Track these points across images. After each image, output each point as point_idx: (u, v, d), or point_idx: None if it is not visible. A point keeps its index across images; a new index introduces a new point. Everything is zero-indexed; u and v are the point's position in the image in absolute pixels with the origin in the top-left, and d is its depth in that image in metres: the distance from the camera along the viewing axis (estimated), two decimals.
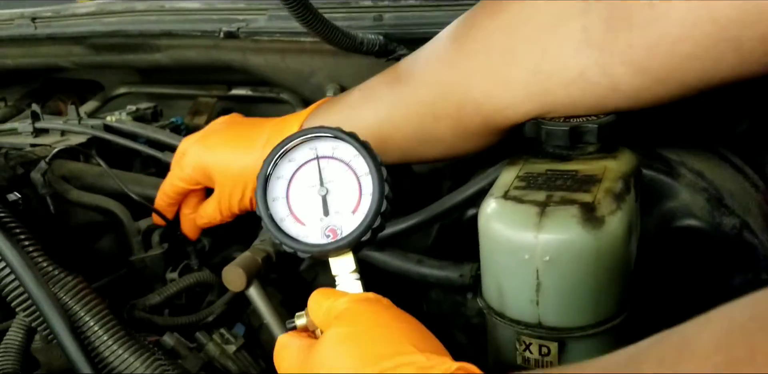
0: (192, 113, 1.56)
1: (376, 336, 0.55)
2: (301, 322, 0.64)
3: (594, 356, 0.64)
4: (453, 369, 0.50)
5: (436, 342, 0.57)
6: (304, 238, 0.64)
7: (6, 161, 0.99)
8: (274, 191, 0.66)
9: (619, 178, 0.67)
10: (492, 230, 0.64)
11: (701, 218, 0.77)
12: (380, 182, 0.62)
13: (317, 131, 0.65)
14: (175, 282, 1.00)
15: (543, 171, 0.70)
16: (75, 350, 0.74)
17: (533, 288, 0.62)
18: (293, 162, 0.66)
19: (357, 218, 0.63)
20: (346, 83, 1.18)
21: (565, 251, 0.60)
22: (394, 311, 0.60)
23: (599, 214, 0.61)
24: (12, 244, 0.75)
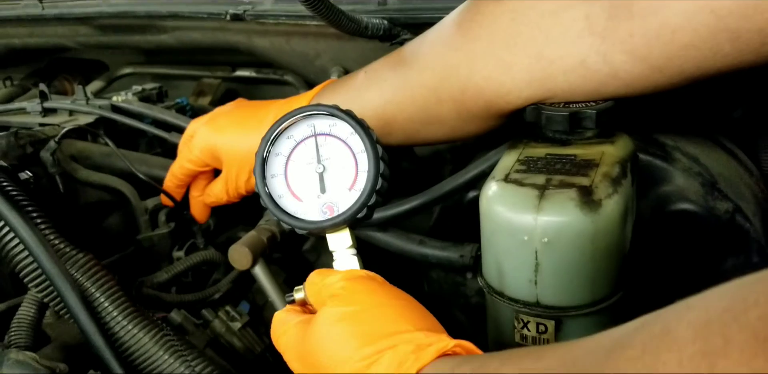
0: (196, 94, 1.58)
1: (374, 315, 0.57)
2: (300, 296, 0.66)
3: (589, 334, 0.67)
4: (450, 346, 0.52)
5: (433, 320, 0.58)
6: (301, 215, 0.65)
7: (16, 140, 1.00)
8: (273, 168, 0.66)
9: (616, 162, 0.69)
10: (493, 212, 0.66)
11: (695, 202, 0.79)
12: (376, 160, 0.63)
13: (315, 109, 0.66)
14: (182, 260, 1.02)
15: (543, 155, 0.72)
16: (88, 323, 0.77)
17: (532, 268, 0.64)
18: (291, 139, 0.67)
19: (353, 195, 0.64)
20: (350, 66, 1.20)
21: (563, 233, 0.62)
22: (389, 288, 0.61)
23: (596, 197, 0.63)
24: (26, 221, 0.77)
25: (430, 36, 0.86)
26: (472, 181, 0.86)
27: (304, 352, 0.59)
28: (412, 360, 0.51)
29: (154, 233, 1.06)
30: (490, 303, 0.72)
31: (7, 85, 1.60)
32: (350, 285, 0.61)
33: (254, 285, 1.08)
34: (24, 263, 0.79)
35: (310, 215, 0.65)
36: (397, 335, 0.53)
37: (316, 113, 0.66)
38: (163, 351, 0.80)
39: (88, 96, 1.23)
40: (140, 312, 0.82)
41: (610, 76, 0.71)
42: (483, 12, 0.78)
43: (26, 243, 0.77)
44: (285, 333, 0.63)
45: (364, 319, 0.56)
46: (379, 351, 0.53)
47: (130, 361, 0.79)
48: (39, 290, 0.80)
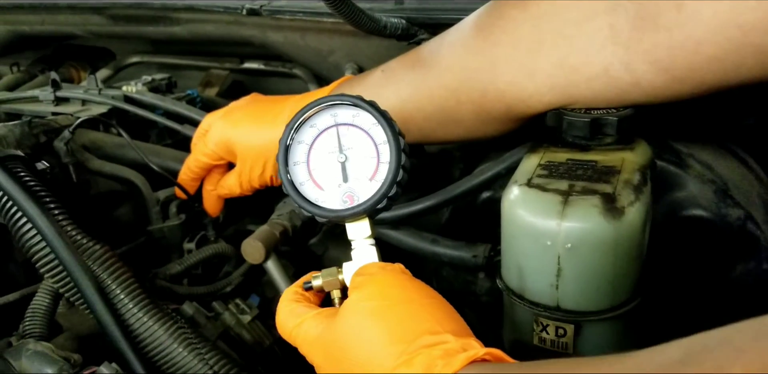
0: (203, 85, 1.58)
1: (404, 312, 0.56)
2: (318, 283, 0.67)
3: (609, 338, 0.69)
4: (481, 355, 0.52)
5: (460, 320, 0.58)
6: (322, 203, 0.66)
7: (30, 129, 1.00)
8: (295, 156, 0.67)
9: (636, 170, 0.70)
10: (516, 216, 0.67)
11: (707, 208, 0.80)
12: (398, 151, 0.63)
13: (338, 98, 0.66)
14: (195, 252, 1.03)
15: (564, 160, 0.73)
16: (105, 314, 0.77)
17: (554, 272, 0.65)
18: (314, 128, 0.67)
19: (374, 185, 0.64)
20: (363, 63, 1.20)
21: (586, 240, 0.63)
22: (419, 284, 0.61)
23: (619, 205, 0.64)
24: (43, 212, 0.77)
25: (449, 38, 0.86)
26: (487, 182, 0.87)
27: (328, 346, 0.59)
28: (441, 365, 0.51)
29: (165, 224, 1.07)
30: (509, 305, 0.73)
31: (14, 72, 1.59)
32: (380, 276, 0.61)
33: (263, 278, 1.09)
34: (41, 254, 0.79)
35: (331, 204, 0.65)
36: (426, 336, 0.54)
37: (340, 102, 0.66)
38: (178, 343, 0.81)
39: (99, 86, 1.23)
40: (155, 304, 0.83)
41: (632, 84, 0.72)
42: (505, 17, 0.79)
43: (43, 234, 0.77)
44: (300, 326, 0.63)
45: (394, 315, 0.56)
46: (409, 352, 0.53)
47: (145, 353, 0.80)
48: (55, 280, 0.80)
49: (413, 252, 0.94)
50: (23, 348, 0.75)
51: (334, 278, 0.66)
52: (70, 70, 1.65)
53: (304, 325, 0.63)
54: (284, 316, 0.65)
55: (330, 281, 0.66)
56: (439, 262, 0.95)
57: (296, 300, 0.67)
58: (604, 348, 0.69)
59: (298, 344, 0.63)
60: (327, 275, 0.67)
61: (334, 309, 0.64)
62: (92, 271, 0.80)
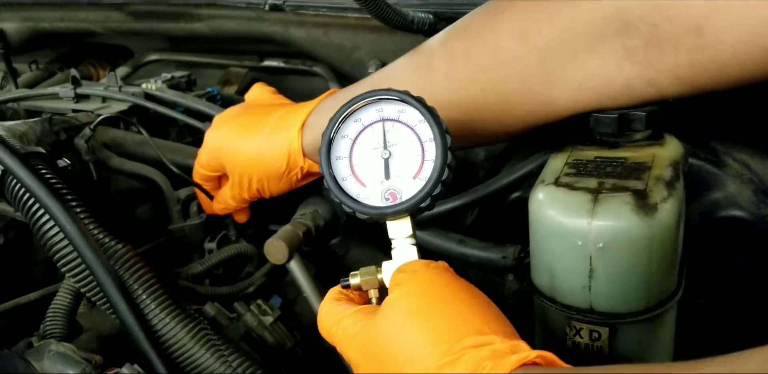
0: (222, 83, 1.56)
1: (448, 310, 0.54)
2: (355, 281, 0.65)
3: (645, 340, 0.66)
4: (533, 357, 0.49)
5: (507, 322, 0.56)
6: (364, 199, 0.64)
7: (50, 126, 0.99)
8: (338, 150, 0.66)
9: (668, 165, 0.68)
10: (545, 216, 0.65)
11: (746, 209, 0.78)
12: (444, 150, 0.62)
13: (384, 93, 0.65)
14: (217, 252, 1.01)
15: (592, 158, 0.71)
16: (128, 314, 0.76)
17: (586, 274, 0.63)
18: (359, 122, 0.66)
19: (418, 183, 0.63)
20: (388, 60, 1.17)
21: (618, 238, 0.61)
22: (463, 282, 0.59)
23: (652, 201, 0.62)
24: (66, 210, 0.76)
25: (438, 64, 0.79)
26: (517, 181, 0.85)
27: (368, 343, 0.57)
28: (490, 367, 0.49)
29: (185, 223, 1.05)
30: (540, 308, 0.71)
31: (32, 69, 1.58)
32: (423, 274, 0.59)
33: (285, 279, 1.07)
34: (63, 252, 0.78)
35: (372, 201, 0.64)
36: (473, 336, 0.51)
37: (386, 97, 0.65)
38: (200, 345, 0.79)
39: (119, 83, 1.21)
40: (177, 304, 0.81)
41: (657, 96, 0.70)
42: (504, 49, 0.73)
43: (66, 232, 0.76)
44: (339, 323, 0.61)
45: (438, 314, 0.54)
46: (454, 352, 0.51)
47: (168, 354, 0.79)
48: (77, 280, 0.79)
49: (440, 253, 0.92)
50: (45, 348, 0.73)
51: (372, 277, 0.65)
52: (89, 68, 1.64)
53: (343, 322, 0.61)
54: (324, 314, 0.64)
55: (368, 280, 0.65)
56: (466, 263, 0.93)
57: (338, 298, 0.65)
58: (641, 351, 0.67)
59: (336, 342, 0.62)
60: (365, 274, 0.65)
61: (375, 307, 0.62)
62: (114, 270, 0.78)
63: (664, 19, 0.63)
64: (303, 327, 1.03)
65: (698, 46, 0.63)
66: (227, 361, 0.80)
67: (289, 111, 0.92)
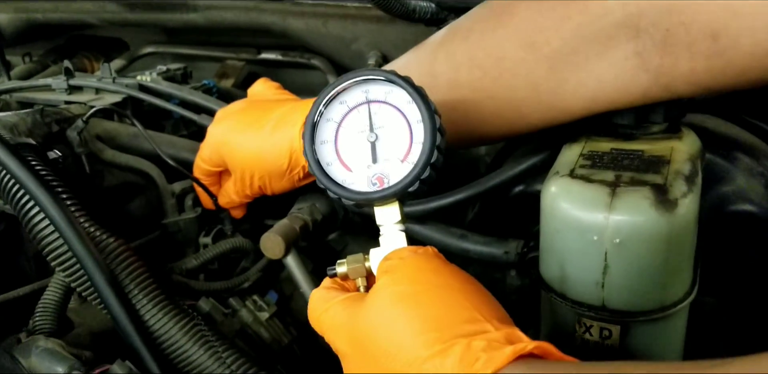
0: (219, 76, 1.54)
1: (438, 298, 0.52)
2: (342, 270, 0.63)
3: (657, 340, 0.64)
4: (530, 348, 0.47)
5: (501, 308, 0.54)
6: (350, 185, 0.62)
7: (42, 117, 0.97)
8: (323, 134, 0.63)
9: (687, 159, 0.66)
10: (559, 209, 0.63)
11: (757, 203, 0.76)
12: (433, 131, 0.59)
13: (370, 73, 0.62)
14: (212, 246, 0.99)
15: (608, 150, 0.69)
16: (119, 309, 0.74)
17: (600, 270, 0.61)
18: (344, 105, 0.63)
19: (406, 167, 0.60)
20: (388, 51, 1.16)
21: (636, 234, 0.59)
22: (454, 268, 0.57)
23: (672, 197, 0.59)
24: (55, 201, 0.74)
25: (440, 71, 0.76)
26: (520, 175, 0.83)
27: (355, 332, 0.55)
28: (484, 359, 0.46)
29: (180, 217, 1.03)
30: (548, 305, 0.68)
31: (26, 62, 1.56)
32: (411, 260, 0.57)
33: (281, 274, 1.05)
34: (53, 246, 0.75)
35: (359, 186, 0.62)
36: (465, 324, 0.49)
37: (372, 78, 0.62)
38: (194, 341, 0.77)
39: (113, 75, 1.19)
40: (171, 300, 0.79)
41: (674, 98, 0.68)
42: (511, 58, 0.71)
43: (56, 224, 0.73)
44: (327, 311, 0.59)
45: (428, 301, 0.52)
46: (444, 341, 0.48)
47: (160, 351, 0.76)
48: (67, 274, 0.76)
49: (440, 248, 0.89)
50: (33, 345, 0.71)
51: (360, 265, 0.62)
52: (83, 60, 1.62)
53: (331, 311, 0.58)
54: (313, 302, 0.61)
55: (355, 268, 0.62)
56: (466, 258, 0.91)
57: (330, 287, 0.63)
58: (651, 351, 0.65)
59: (324, 331, 0.59)
60: (353, 262, 0.62)
61: (363, 295, 0.59)
62: (106, 264, 0.76)
63: (678, 24, 0.60)
64: (300, 324, 1.01)
65: (715, 52, 0.60)
66: (221, 358, 0.78)
67: (292, 108, 0.90)
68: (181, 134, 1.20)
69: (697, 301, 0.68)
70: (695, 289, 0.66)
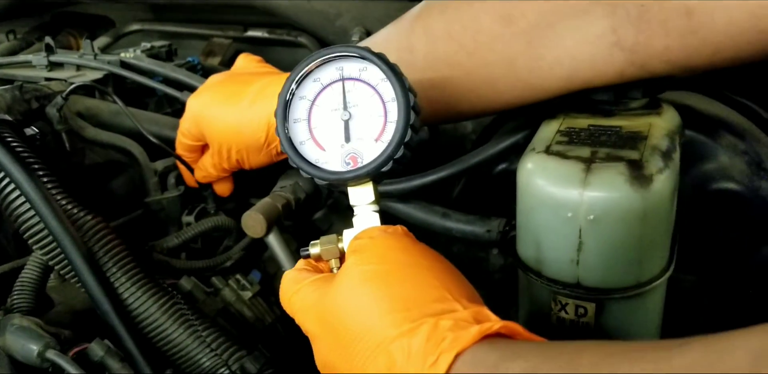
0: (205, 54, 1.52)
1: (406, 276, 0.51)
2: (315, 251, 0.62)
3: (632, 317, 0.64)
4: (496, 328, 0.47)
5: (470, 288, 0.53)
6: (323, 164, 0.61)
7: (21, 93, 0.96)
8: (296, 112, 0.62)
9: (665, 135, 0.65)
10: (534, 186, 0.62)
11: (740, 181, 0.76)
12: (407, 109, 0.58)
13: (344, 50, 0.60)
14: (194, 225, 0.98)
15: (585, 126, 0.68)
16: (96, 287, 0.73)
17: (574, 247, 0.60)
18: (318, 82, 0.62)
19: (379, 146, 0.59)
20: (373, 28, 1.13)
21: (611, 210, 0.58)
22: (423, 247, 0.56)
23: (647, 172, 0.59)
24: (31, 178, 0.73)
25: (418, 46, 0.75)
26: (503, 152, 0.82)
27: (324, 313, 0.54)
28: (450, 339, 0.46)
29: (163, 196, 1.02)
30: (525, 283, 0.68)
31: (10, 39, 1.54)
32: (380, 239, 0.56)
33: (265, 253, 1.05)
34: (29, 223, 0.75)
35: (332, 166, 0.61)
36: (433, 303, 0.49)
37: (346, 54, 0.60)
38: (173, 320, 0.77)
39: (95, 51, 1.17)
40: (150, 278, 0.79)
41: (649, 76, 0.67)
42: (487, 32, 0.70)
43: (31, 200, 0.73)
44: (298, 293, 0.58)
45: (396, 280, 0.51)
46: (412, 320, 0.48)
47: (139, 329, 0.76)
48: (44, 252, 0.76)
49: (423, 227, 0.89)
50: (8, 323, 0.71)
51: (333, 246, 0.61)
52: (68, 38, 1.60)
53: (301, 292, 0.58)
54: (285, 284, 0.61)
55: (329, 249, 0.61)
56: (450, 238, 0.90)
57: (303, 267, 0.62)
58: (627, 328, 0.65)
59: (294, 312, 0.58)
60: (326, 243, 0.61)
61: (334, 275, 0.58)
62: (83, 242, 0.75)
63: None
64: None
65: (689, 30, 0.60)
66: (201, 337, 0.77)
67: (271, 81, 0.89)
68: (164, 112, 1.19)
69: (677, 278, 0.68)
70: (672, 266, 0.65)
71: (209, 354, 0.77)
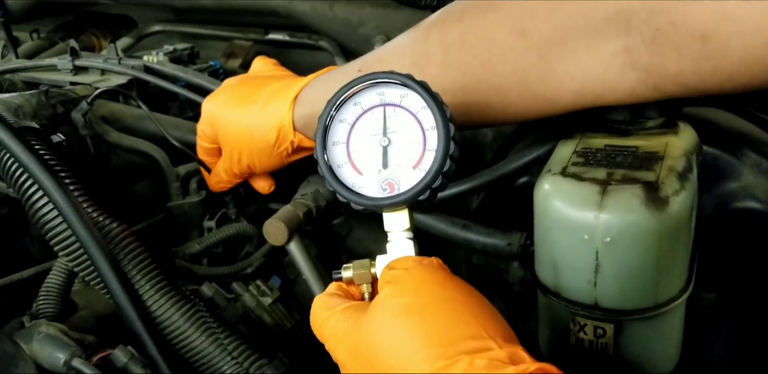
0: (226, 56, 1.53)
1: (443, 312, 0.51)
2: (348, 275, 0.62)
3: (651, 337, 0.64)
4: (531, 370, 0.46)
5: (506, 325, 0.53)
6: (359, 189, 0.61)
7: (47, 98, 0.97)
8: (335, 135, 0.62)
9: (681, 155, 0.65)
10: (550, 208, 0.62)
11: (763, 200, 0.75)
12: (446, 139, 0.58)
13: (385, 76, 0.60)
14: (216, 231, 0.99)
15: (602, 146, 0.68)
16: (121, 294, 0.74)
17: (592, 269, 0.61)
18: (358, 106, 0.62)
19: (417, 174, 0.59)
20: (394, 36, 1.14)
21: (627, 233, 0.58)
22: (460, 282, 0.56)
23: (663, 194, 0.59)
24: (61, 187, 0.73)
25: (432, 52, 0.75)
26: (525, 166, 0.82)
27: (357, 343, 0.54)
28: None
29: (185, 201, 1.03)
30: (544, 303, 0.68)
31: (34, 38, 1.55)
32: (416, 271, 0.55)
33: (285, 259, 1.05)
34: (56, 230, 0.76)
35: (369, 191, 0.61)
36: (469, 340, 0.48)
37: (387, 80, 0.61)
38: (195, 327, 0.78)
39: (120, 55, 1.18)
40: (173, 286, 0.80)
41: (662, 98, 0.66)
42: (500, 44, 0.70)
43: (59, 208, 0.73)
44: (329, 319, 0.58)
45: (431, 314, 0.51)
46: (448, 357, 0.48)
47: (162, 336, 0.77)
48: (70, 259, 0.77)
49: (443, 238, 0.90)
50: (35, 330, 0.72)
51: (365, 272, 0.61)
52: (91, 38, 1.62)
53: (333, 319, 0.58)
54: (316, 309, 0.61)
55: (361, 274, 0.61)
56: (470, 249, 0.91)
57: (333, 293, 0.62)
58: (647, 349, 0.65)
59: (325, 339, 0.59)
60: (359, 267, 0.61)
61: (367, 304, 0.58)
62: (109, 249, 0.76)
63: (669, 23, 0.59)
64: (303, 308, 1.01)
65: (704, 55, 0.59)
66: (222, 344, 0.78)
67: (284, 84, 0.89)
68: (186, 116, 1.20)
69: (697, 296, 0.68)
70: (690, 286, 0.65)
71: (230, 362, 0.78)
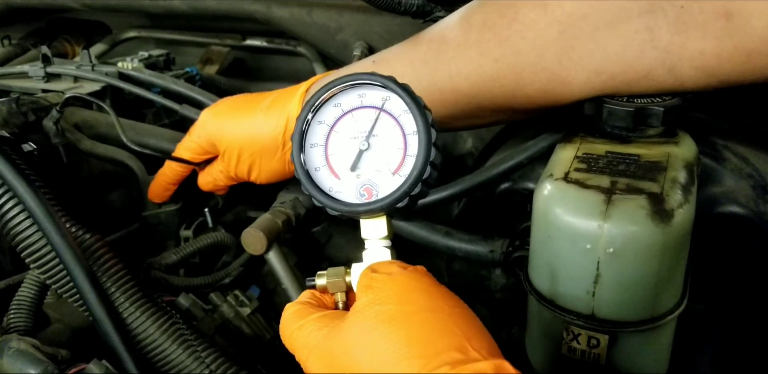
0: (203, 62, 1.51)
1: (427, 321, 0.49)
2: (321, 282, 0.59)
3: (646, 350, 0.63)
4: None
5: (490, 338, 0.51)
6: (336, 193, 0.58)
7: (18, 106, 0.94)
8: (314, 137, 0.59)
9: (683, 167, 0.64)
10: (551, 214, 0.61)
11: (745, 205, 0.75)
12: (427, 145, 0.55)
13: (367, 78, 0.58)
14: (192, 241, 0.97)
15: (603, 153, 0.67)
16: (98, 306, 0.72)
17: (591, 279, 0.59)
18: (338, 107, 0.59)
19: (396, 180, 0.56)
20: (374, 42, 1.13)
21: (631, 244, 0.57)
22: (444, 291, 0.53)
23: (668, 207, 0.58)
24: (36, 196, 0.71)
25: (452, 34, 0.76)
26: (506, 172, 0.81)
27: (331, 353, 0.51)
28: None
29: (161, 210, 1.01)
30: (536, 310, 0.67)
31: (5, 45, 1.52)
32: (400, 278, 0.53)
33: (264, 268, 1.04)
34: (28, 241, 0.73)
35: (346, 196, 0.58)
36: (453, 352, 0.46)
37: (369, 82, 0.58)
38: (172, 340, 0.76)
39: (93, 62, 1.16)
40: (149, 298, 0.78)
41: (676, 86, 0.67)
42: (522, 20, 0.70)
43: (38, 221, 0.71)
44: (301, 328, 0.55)
45: (415, 324, 0.49)
46: (431, 368, 0.45)
47: (139, 349, 0.75)
48: (42, 270, 0.74)
49: (425, 245, 0.89)
50: (5, 346, 0.69)
51: (340, 280, 0.58)
52: (64, 44, 1.59)
53: (305, 328, 0.54)
54: (286, 317, 0.57)
55: (335, 282, 0.58)
56: (452, 256, 0.90)
57: (306, 301, 0.59)
58: (639, 360, 0.64)
59: (296, 349, 0.55)
60: (333, 275, 0.59)
61: (343, 313, 0.55)
62: (86, 260, 0.74)
63: (693, 1, 0.60)
64: None
65: (726, 33, 0.60)
66: (200, 357, 0.76)
67: (286, 91, 0.90)
68: (162, 124, 1.18)
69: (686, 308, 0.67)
70: (685, 300, 0.64)
71: None
